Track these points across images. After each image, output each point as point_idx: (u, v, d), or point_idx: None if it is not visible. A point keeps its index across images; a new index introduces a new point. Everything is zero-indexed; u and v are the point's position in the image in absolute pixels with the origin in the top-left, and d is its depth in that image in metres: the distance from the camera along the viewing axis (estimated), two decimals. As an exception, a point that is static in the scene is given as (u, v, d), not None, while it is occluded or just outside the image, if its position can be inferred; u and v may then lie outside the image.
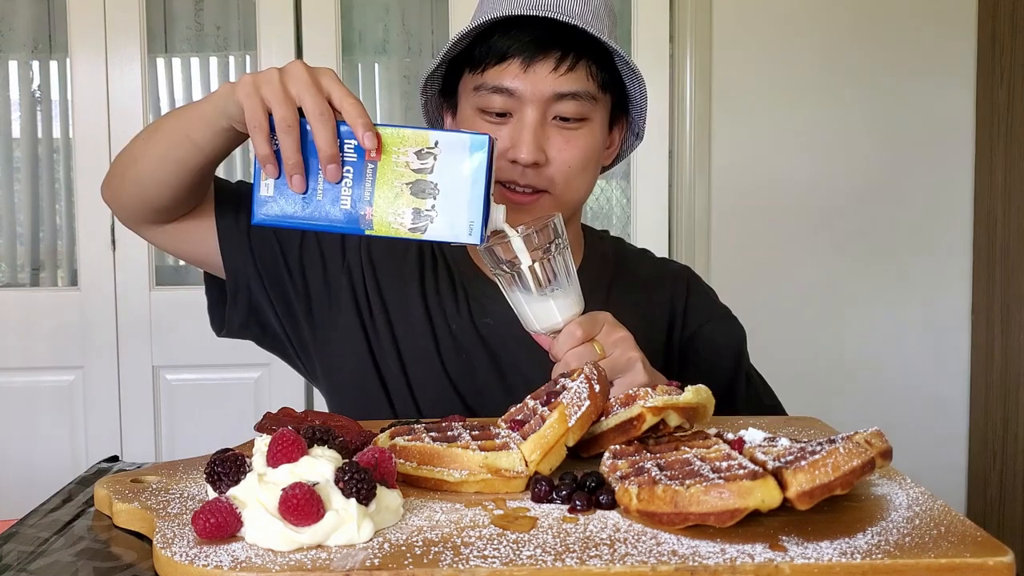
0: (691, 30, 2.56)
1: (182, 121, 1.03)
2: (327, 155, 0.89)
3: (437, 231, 0.92)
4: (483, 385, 1.16)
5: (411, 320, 1.18)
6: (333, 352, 1.20)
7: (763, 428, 0.85)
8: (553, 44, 1.09)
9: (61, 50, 2.70)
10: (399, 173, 0.91)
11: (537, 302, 0.99)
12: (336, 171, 0.90)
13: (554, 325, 0.99)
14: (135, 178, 1.07)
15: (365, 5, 2.75)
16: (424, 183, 0.91)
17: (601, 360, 0.97)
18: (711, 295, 1.32)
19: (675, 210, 2.62)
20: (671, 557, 0.61)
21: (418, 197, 0.91)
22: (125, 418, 2.63)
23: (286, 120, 0.89)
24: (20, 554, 0.69)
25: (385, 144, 0.91)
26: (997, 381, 2.58)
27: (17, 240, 2.80)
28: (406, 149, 0.91)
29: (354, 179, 0.91)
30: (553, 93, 1.09)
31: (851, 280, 2.65)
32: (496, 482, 0.75)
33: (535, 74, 1.09)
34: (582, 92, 1.10)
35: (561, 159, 1.11)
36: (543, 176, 1.11)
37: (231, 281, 1.18)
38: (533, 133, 1.09)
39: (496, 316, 1.18)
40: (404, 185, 0.91)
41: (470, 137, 0.92)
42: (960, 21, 2.59)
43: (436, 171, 0.91)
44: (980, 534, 0.64)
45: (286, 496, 0.63)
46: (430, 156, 0.91)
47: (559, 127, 1.11)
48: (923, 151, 2.62)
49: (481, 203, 0.92)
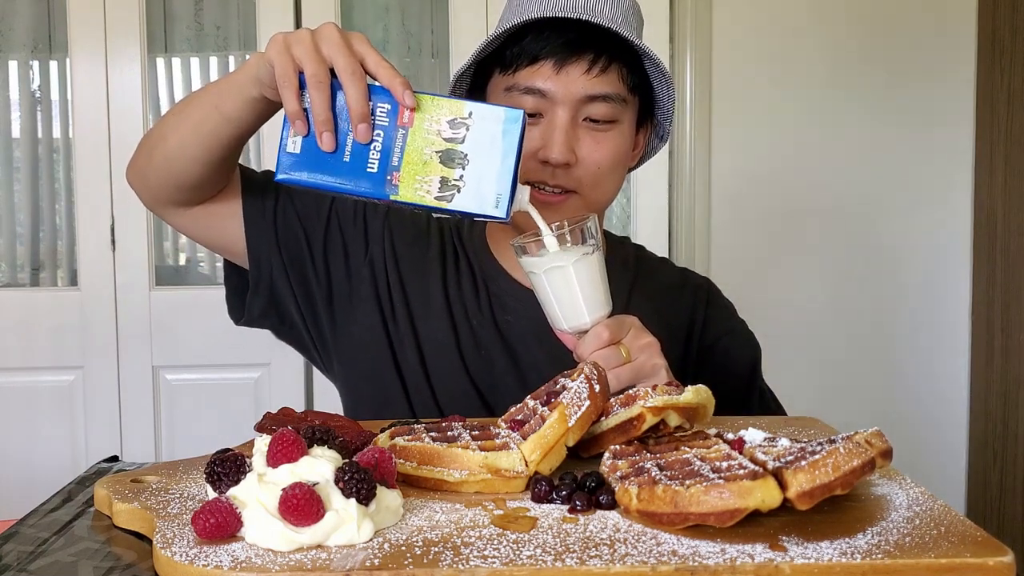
0: (691, 30, 2.56)
1: (212, 94, 1.02)
2: (358, 114, 0.89)
3: (463, 202, 0.91)
4: (501, 381, 1.17)
5: (432, 314, 1.19)
6: (352, 344, 1.20)
7: (763, 428, 0.85)
8: (586, 46, 1.09)
9: (61, 50, 2.70)
10: (430, 140, 0.91)
11: (566, 301, 0.99)
12: (366, 131, 0.89)
13: (581, 325, 0.99)
14: (164, 155, 1.07)
15: (365, 5, 2.75)
16: (454, 152, 0.91)
17: (626, 365, 0.97)
18: (730, 308, 1.32)
19: (675, 210, 2.62)
20: (671, 557, 0.61)
21: (447, 166, 0.91)
22: (125, 418, 2.63)
23: (317, 76, 0.88)
24: (20, 554, 0.69)
25: (419, 110, 0.90)
26: (997, 381, 2.58)
27: (17, 240, 2.80)
28: (439, 117, 0.91)
29: (383, 143, 0.90)
30: (585, 95, 1.10)
31: (850, 279, 2.65)
32: (496, 482, 0.75)
33: (567, 76, 1.09)
34: (613, 95, 1.11)
35: (591, 160, 1.12)
36: (572, 177, 1.11)
37: (254, 267, 1.18)
38: (565, 133, 1.09)
39: (517, 314, 1.19)
40: (434, 153, 0.91)
41: (505, 110, 0.92)
42: (960, 21, 2.59)
43: (468, 141, 0.91)
44: (980, 534, 0.64)
45: (286, 496, 0.63)
46: (463, 126, 0.91)
47: (589, 128, 1.12)
48: (923, 151, 2.62)
49: (510, 177, 0.92)
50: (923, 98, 2.60)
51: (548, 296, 1.00)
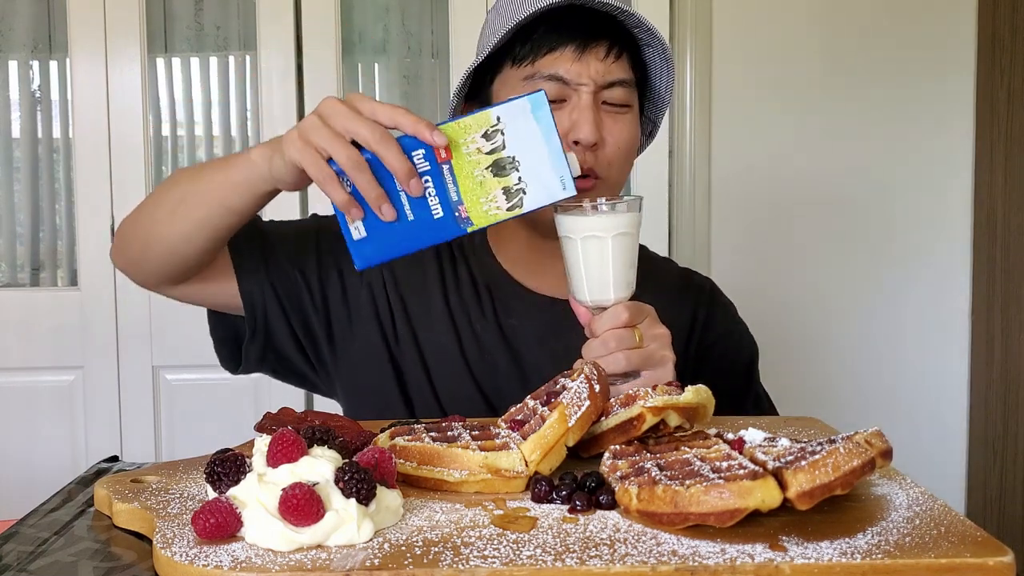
0: (691, 30, 2.56)
1: (215, 190, 1.02)
2: (404, 172, 0.89)
3: (534, 200, 0.93)
4: (506, 384, 1.17)
5: (433, 322, 1.19)
6: (353, 362, 1.20)
7: (763, 428, 0.85)
8: (602, 34, 1.12)
9: (61, 50, 2.69)
10: (475, 162, 0.91)
11: (595, 272, 0.99)
12: (418, 184, 0.90)
13: (604, 300, 1.00)
14: (166, 248, 1.07)
15: (365, 5, 2.75)
16: (502, 160, 0.92)
17: (637, 349, 0.98)
18: (732, 309, 1.33)
19: (675, 210, 2.62)
20: (671, 557, 0.61)
21: (502, 176, 0.92)
22: (125, 418, 2.63)
23: (351, 159, 0.89)
24: (20, 554, 0.69)
25: (452, 140, 0.91)
26: (997, 381, 2.58)
27: (17, 240, 2.80)
28: (473, 136, 0.91)
29: (436, 186, 0.91)
30: (605, 80, 1.12)
31: (851, 280, 2.65)
32: (496, 482, 0.75)
33: (588, 62, 1.11)
34: (628, 80, 1.14)
35: (614, 141, 1.13)
36: (600, 159, 1.13)
37: (249, 315, 1.17)
38: (591, 113, 1.11)
39: (521, 316, 1.20)
40: (485, 171, 0.92)
41: (527, 99, 0.93)
42: (960, 21, 2.58)
43: (509, 145, 0.92)
44: (980, 534, 0.64)
45: (286, 496, 0.63)
46: (497, 133, 0.91)
47: (608, 111, 1.14)
48: (923, 151, 2.62)
49: (562, 155, 0.93)
50: (923, 98, 2.60)
51: (578, 264, 1.00)
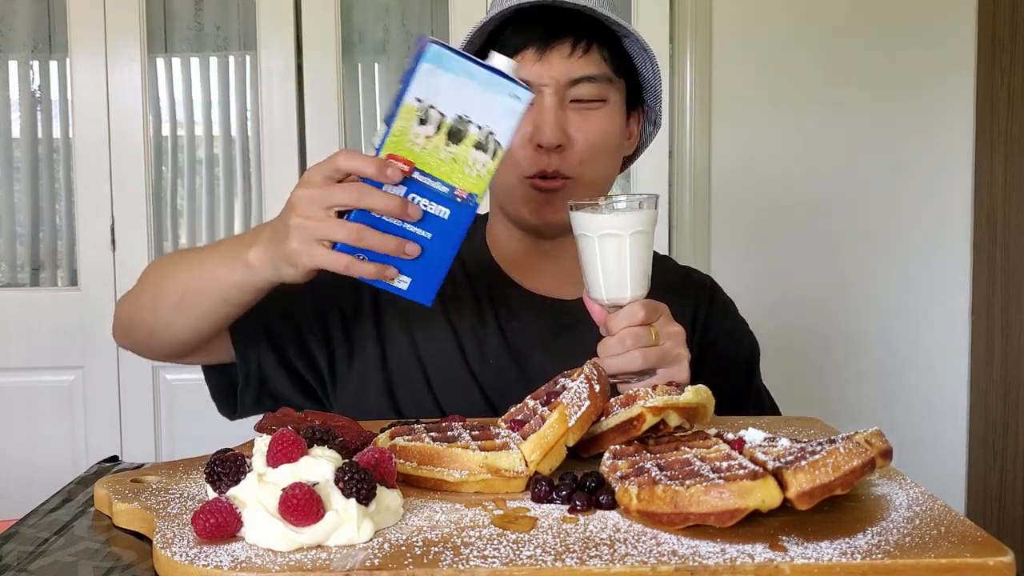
0: (691, 30, 2.56)
1: (214, 288, 1.02)
2: (396, 209, 0.88)
3: (505, 131, 0.90)
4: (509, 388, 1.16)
5: (434, 334, 1.18)
6: (351, 384, 1.19)
7: (763, 428, 0.85)
8: (566, 31, 1.11)
9: (61, 50, 2.69)
10: (434, 148, 0.90)
11: (612, 270, 0.99)
12: (413, 208, 0.89)
13: (620, 299, 1.00)
14: (172, 339, 1.09)
15: (365, 5, 2.75)
16: (452, 128, 0.89)
17: (653, 347, 0.98)
18: (732, 308, 1.33)
19: (675, 210, 2.62)
20: (671, 557, 0.61)
21: (464, 140, 0.90)
22: (125, 418, 2.63)
23: (352, 234, 0.88)
24: (20, 554, 0.69)
25: (401, 151, 0.89)
26: (997, 381, 2.58)
27: (17, 240, 2.80)
28: (412, 132, 0.89)
29: (424, 195, 0.90)
30: (569, 78, 1.11)
31: (850, 280, 2.65)
32: (496, 482, 0.75)
33: (550, 61, 1.10)
34: (597, 75, 1.12)
35: (582, 139, 1.12)
36: (567, 160, 1.12)
37: (243, 368, 1.16)
38: (553, 115, 1.10)
39: (523, 319, 1.19)
40: (446, 148, 0.90)
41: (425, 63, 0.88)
42: (960, 21, 2.58)
43: (445, 111, 0.89)
44: (980, 534, 0.64)
45: (286, 496, 0.63)
46: (427, 111, 0.89)
47: (577, 109, 1.12)
48: (923, 151, 2.62)
49: (494, 76, 0.89)
50: (923, 97, 2.60)
51: (595, 262, 1.00)
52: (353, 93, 2.78)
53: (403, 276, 0.92)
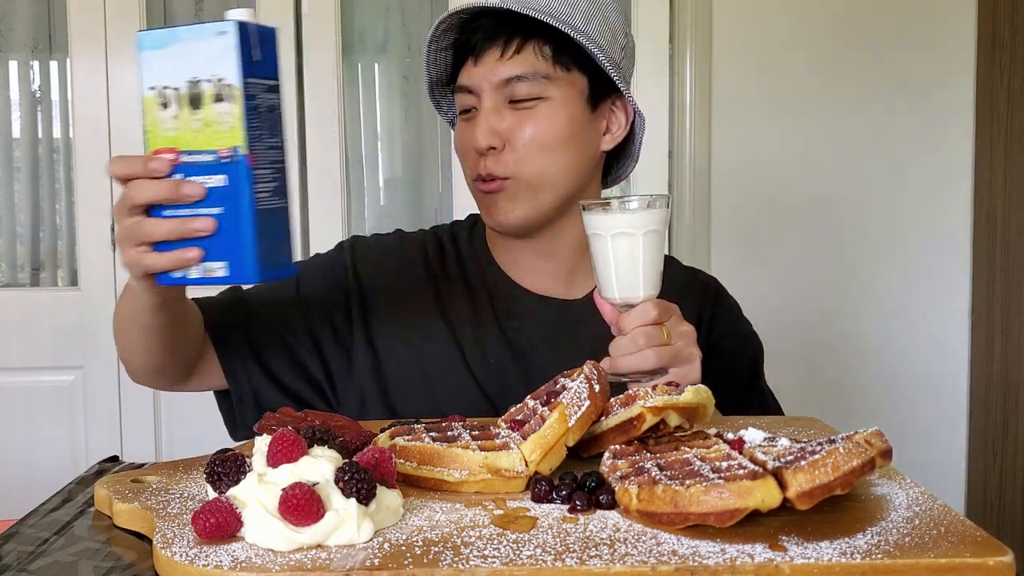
0: (691, 30, 2.56)
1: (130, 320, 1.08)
2: (170, 192, 0.86)
3: (231, 69, 0.87)
4: (511, 388, 1.16)
5: (433, 337, 1.19)
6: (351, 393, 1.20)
7: (763, 428, 0.85)
8: (498, 32, 1.11)
9: (61, 50, 2.69)
10: (184, 124, 0.86)
11: (625, 269, 1.00)
12: (192, 187, 0.86)
13: (633, 298, 1.01)
14: (143, 368, 1.14)
15: (365, 5, 2.75)
16: (191, 94, 0.86)
17: (665, 346, 0.99)
18: (736, 308, 1.33)
19: (675, 210, 2.62)
20: (671, 557, 0.61)
21: (203, 102, 0.86)
22: (125, 418, 2.63)
23: (146, 231, 0.87)
24: (20, 554, 0.69)
25: (163, 144, 0.87)
26: (997, 381, 2.58)
27: (17, 240, 2.80)
28: (161, 120, 0.87)
29: (200, 173, 0.86)
30: (500, 79, 1.11)
31: (850, 280, 2.65)
32: (496, 482, 0.75)
33: (484, 65, 1.12)
34: (529, 74, 1.11)
35: (518, 138, 1.12)
36: (502, 162, 1.12)
37: (235, 390, 1.19)
38: (485, 119, 1.11)
39: (524, 319, 1.19)
40: (195, 119, 0.86)
41: (139, 55, 0.87)
42: (960, 21, 2.58)
43: (176, 82, 0.86)
44: (980, 534, 0.64)
45: (286, 496, 0.63)
46: (165, 94, 0.87)
47: (513, 109, 1.12)
48: (923, 151, 2.61)
49: (199, 27, 0.87)
50: (923, 97, 2.60)
51: (608, 261, 1.01)
52: (353, 93, 2.78)
53: (217, 263, 0.89)
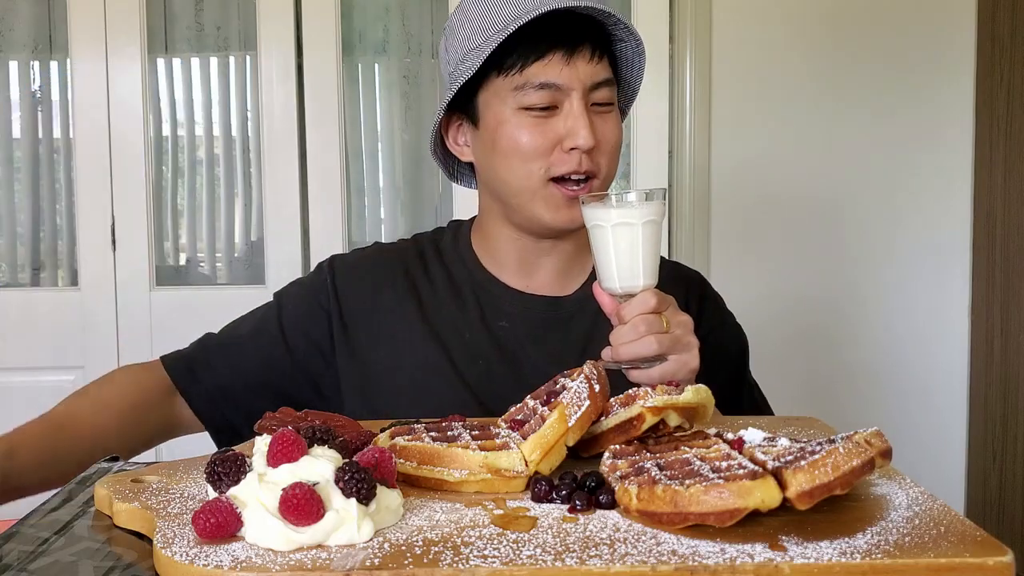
0: (691, 30, 2.56)
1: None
2: None
3: None
4: (502, 387, 1.16)
5: (418, 342, 1.19)
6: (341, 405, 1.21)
7: (763, 428, 0.85)
8: (585, 36, 1.14)
9: (61, 50, 2.69)
10: None
11: (625, 259, 1.02)
12: None
13: (633, 287, 1.03)
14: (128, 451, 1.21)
15: (365, 5, 2.75)
16: None
17: (665, 334, 1.00)
18: (720, 302, 1.33)
19: (675, 209, 2.62)
20: (671, 557, 0.61)
21: None
22: (125, 418, 2.62)
23: None
24: (20, 554, 0.69)
25: None
26: (997, 381, 2.58)
27: (17, 240, 2.80)
28: None
29: None
30: (592, 82, 1.14)
31: (850, 280, 2.65)
32: (496, 482, 0.75)
33: (576, 66, 1.13)
34: (611, 79, 1.17)
35: (606, 140, 1.16)
36: (595, 161, 1.15)
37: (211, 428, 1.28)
38: (587, 117, 1.13)
39: (512, 318, 1.20)
40: None
41: None
42: (960, 21, 2.58)
43: None
44: (980, 534, 0.64)
45: (286, 496, 0.63)
46: None
47: (597, 112, 1.16)
48: (923, 151, 2.62)
49: None
50: (923, 97, 2.60)
51: (608, 251, 1.03)
52: (353, 93, 2.78)
53: None
